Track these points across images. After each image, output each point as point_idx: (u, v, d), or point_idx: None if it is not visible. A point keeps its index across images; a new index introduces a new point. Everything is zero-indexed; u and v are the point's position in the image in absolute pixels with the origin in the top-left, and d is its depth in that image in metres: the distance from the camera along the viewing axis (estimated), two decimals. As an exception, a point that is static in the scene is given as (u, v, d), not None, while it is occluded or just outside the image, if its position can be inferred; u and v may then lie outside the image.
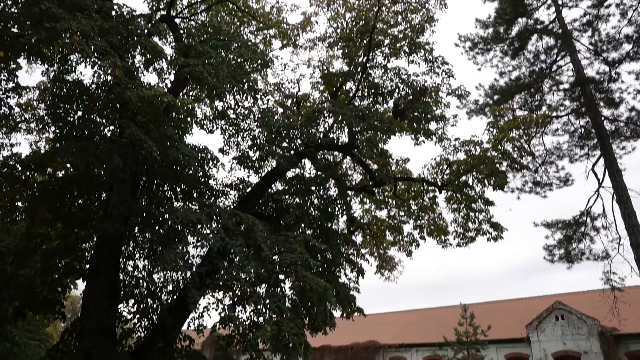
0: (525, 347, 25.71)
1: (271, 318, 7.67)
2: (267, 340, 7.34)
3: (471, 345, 19.71)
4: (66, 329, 10.40)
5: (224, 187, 12.52)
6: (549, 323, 25.12)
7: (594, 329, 23.49)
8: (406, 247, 14.35)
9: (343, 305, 9.75)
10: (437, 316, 32.12)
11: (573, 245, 17.23)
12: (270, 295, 7.66)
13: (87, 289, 9.70)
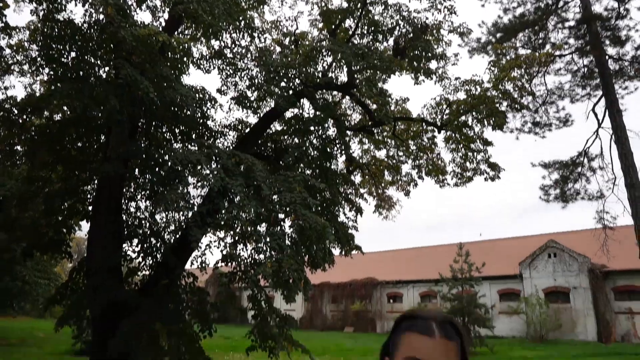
0: (517, 283, 26.72)
1: (271, 255, 7.90)
2: (268, 276, 7.58)
3: (465, 282, 20.42)
4: (74, 268, 10.72)
5: (222, 128, 12.47)
6: (541, 260, 25.95)
7: (584, 266, 24.31)
8: (404, 186, 14.52)
9: (342, 243, 9.98)
10: (433, 254, 33.08)
11: (569, 185, 17.45)
12: (271, 233, 7.83)
13: (91, 230, 9.92)
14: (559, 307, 24.56)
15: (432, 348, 1.09)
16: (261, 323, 9.44)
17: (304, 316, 35.34)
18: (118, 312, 8.89)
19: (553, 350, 19.73)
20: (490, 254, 27.75)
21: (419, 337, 1.11)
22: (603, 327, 23.50)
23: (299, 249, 8.21)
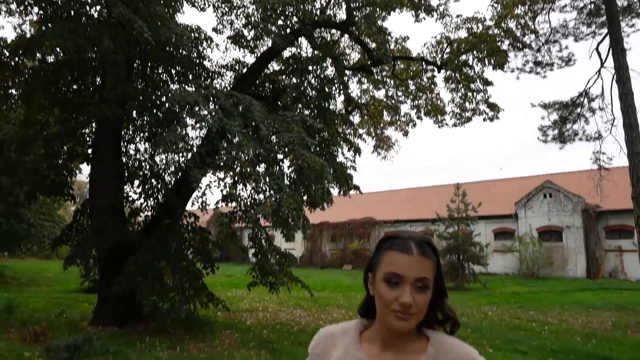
0: (512, 222, 27.29)
1: (271, 195, 8.05)
2: (268, 215, 7.77)
3: (462, 221, 20.84)
4: (77, 210, 10.95)
5: (219, 68, 12.29)
6: (536, 201, 26.37)
7: (579, 206, 24.74)
8: (403, 127, 14.54)
9: (340, 183, 10.12)
10: (431, 194, 33.55)
11: (567, 126, 17.41)
12: (270, 173, 7.94)
13: (92, 172, 10.04)
14: (551, 246, 25.24)
15: (410, 264, 1.20)
16: (262, 260, 9.77)
17: (304, 255, 36.31)
18: (123, 251, 9.18)
19: (543, 286, 20.49)
20: (486, 194, 28.17)
21: (399, 254, 1.22)
22: (592, 264, 24.28)
23: (298, 189, 8.34)
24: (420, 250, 1.23)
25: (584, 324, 11.52)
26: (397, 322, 1.20)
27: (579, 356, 8.02)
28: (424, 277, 1.21)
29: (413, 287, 1.20)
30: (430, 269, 1.24)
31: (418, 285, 1.20)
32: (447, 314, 1.31)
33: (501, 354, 8.24)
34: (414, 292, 1.20)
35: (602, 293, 17.88)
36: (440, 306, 1.30)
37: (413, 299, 1.19)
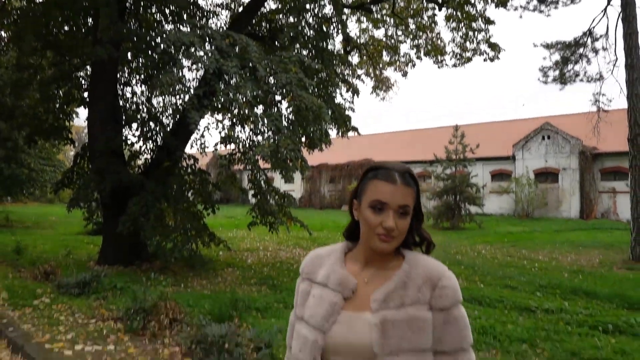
0: (510, 164, 27.50)
1: (269, 137, 8.10)
2: (266, 156, 7.84)
3: (459, 162, 21.01)
4: (77, 153, 11.01)
5: (214, 7, 11.97)
6: (535, 142, 26.43)
7: (576, 148, 24.85)
8: (402, 67, 14.33)
9: (338, 124, 10.10)
10: (429, 136, 33.56)
11: (569, 66, 17.15)
12: (268, 115, 7.93)
13: (90, 116, 10.00)
14: (547, 187, 25.59)
15: (393, 192, 1.31)
16: (261, 201, 9.97)
17: (303, 196, 36.79)
18: (124, 193, 9.33)
19: (537, 226, 20.99)
20: (485, 136, 28.16)
21: (384, 183, 1.33)
22: (586, 205, 24.72)
23: (296, 130, 8.37)
24: (403, 180, 1.34)
25: (572, 261, 11.94)
26: (381, 244, 1.32)
27: (564, 290, 8.39)
28: (406, 204, 1.32)
29: (396, 213, 1.31)
30: (411, 197, 1.35)
31: (400, 212, 1.32)
32: (424, 235, 1.44)
33: (492, 288, 8.61)
34: (396, 217, 1.31)
35: (593, 233, 18.35)
36: (417, 229, 1.42)
37: (395, 224, 1.30)
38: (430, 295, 1.30)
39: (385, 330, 1.26)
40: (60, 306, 6.21)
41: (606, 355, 4.93)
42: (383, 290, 1.32)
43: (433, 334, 1.28)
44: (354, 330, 1.30)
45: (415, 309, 1.28)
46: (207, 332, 3.90)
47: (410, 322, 1.27)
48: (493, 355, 5.10)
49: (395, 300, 1.30)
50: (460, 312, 1.32)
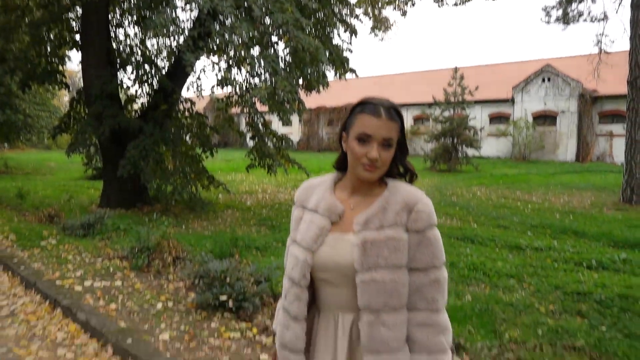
0: (508, 107, 27.33)
1: (266, 79, 8.04)
2: (263, 98, 7.82)
3: (458, 105, 20.88)
4: (72, 98, 10.92)
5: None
6: (534, 85, 26.14)
7: (576, 91, 24.62)
8: (401, 6, 13.91)
9: (336, 66, 9.96)
10: (428, 78, 33.10)
11: (573, 5, 16.70)
12: (264, 56, 7.83)
13: (84, 59, 9.81)
14: (544, 130, 25.58)
15: (378, 126, 1.41)
16: (259, 143, 10.03)
17: (301, 139, 36.76)
18: (123, 137, 9.37)
19: (532, 169, 21.21)
20: (485, 79, 27.80)
21: (370, 117, 1.42)
22: (582, 148, 24.82)
23: (293, 71, 8.30)
24: (388, 114, 1.43)
25: (565, 202, 12.19)
26: (365, 173, 1.44)
27: (554, 230, 8.65)
28: (389, 137, 1.42)
29: (379, 145, 1.41)
30: (395, 131, 1.44)
31: (384, 144, 1.42)
32: (407, 167, 1.55)
33: (484, 228, 8.87)
34: (380, 149, 1.41)
35: (588, 175, 18.59)
36: (402, 161, 1.53)
37: (379, 155, 1.41)
38: (407, 219, 1.41)
39: (365, 249, 1.39)
40: (67, 246, 6.44)
41: (587, 289, 5.19)
42: (365, 215, 1.45)
43: (408, 253, 1.40)
44: (338, 250, 1.44)
45: (393, 230, 1.41)
46: (209, 267, 4.11)
47: (388, 242, 1.39)
48: (482, 290, 5.36)
49: (375, 223, 1.42)
50: (433, 234, 1.43)
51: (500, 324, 4.13)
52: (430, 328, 1.39)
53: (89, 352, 3.53)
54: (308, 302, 1.52)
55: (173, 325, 3.89)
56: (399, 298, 1.39)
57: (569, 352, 3.24)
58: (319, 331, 1.54)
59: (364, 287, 1.38)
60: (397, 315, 1.39)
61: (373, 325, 1.38)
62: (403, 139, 1.50)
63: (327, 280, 1.49)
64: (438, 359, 1.38)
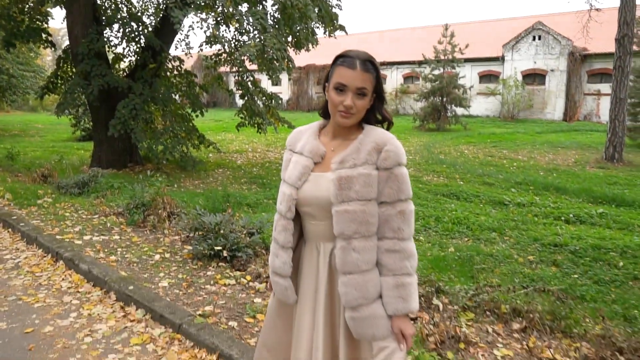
0: (498, 65, 27.20)
1: (255, 36, 7.99)
2: (252, 56, 7.82)
3: (447, 63, 20.77)
4: (59, 57, 10.73)
5: None
6: (525, 43, 25.96)
7: (566, 49, 24.53)
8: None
9: (325, 23, 9.88)
10: (419, 36, 32.70)
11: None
12: (253, 13, 7.77)
13: (69, 17, 9.56)
14: (533, 89, 25.60)
15: (353, 77, 1.58)
16: (248, 102, 10.05)
17: (290, 98, 36.45)
18: (112, 96, 9.34)
19: (520, 127, 21.38)
20: (475, 36, 27.50)
21: (346, 69, 1.59)
22: (570, 107, 24.95)
23: (282, 29, 8.26)
24: (363, 66, 1.60)
25: (549, 160, 12.48)
26: (341, 119, 1.63)
27: (537, 186, 8.93)
28: (363, 87, 1.59)
29: (354, 94, 1.59)
30: (369, 81, 1.61)
31: (358, 93, 1.59)
32: (384, 114, 1.73)
33: (470, 185, 9.12)
34: (355, 98, 1.59)
35: (574, 134, 18.86)
36: (379, 109, 1.72)
37: (354, 103, 1.59)
38: (377, 158, 1.61)
39: (340, 185, 1.60)
40: (63, 204, 6.58)
41: (564, 241, 5.48)
42: (341, 155, 1.66)
43: (378, 188, 1.61)
44: (319, 186, 1.66)
45: (364, 168, 1.61)
46: (204, 220, 4.30)
47: (359, 178, 1.60)
48: (465, 242, 5.63)
49: (349, 162, 1.63)
50: (400, 172, 1.62)
51: (479, 272, 4.40)
52: (397, 254, 1.60)
53: (94, 299, 3.76)
54: (297, 235, 1.77)
55: (171, 274, 4.13)
56: (368, 227, 1.60)
57: (539, 294, 3.50)
58: (304, 259, 1.78)
59: (338, 217, 1.60)
60: (366, 241, 1.60)
61: (345, 250, 1.60)
62: (380, 89, 1.68)
63: (309, 214, 1.71)
64: (402, 281, 1.60)
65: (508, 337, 2.96)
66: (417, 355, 2.55)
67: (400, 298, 1.59)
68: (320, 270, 1.71)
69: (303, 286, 1.77)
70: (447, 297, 3.32)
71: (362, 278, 1.60)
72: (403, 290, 1.59)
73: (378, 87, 1.66)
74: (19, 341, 3.19)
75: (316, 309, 1.72)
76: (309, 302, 1.75)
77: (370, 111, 1.68)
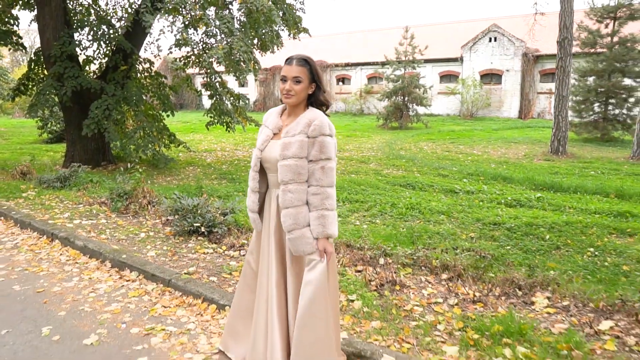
0: (458, 65, 28.40)
1: (222, 39, 8.49)
2: (220, 58, 8.33)
3: (408, 64, 21.68)
4: (31, 59, 10.89)
5: None
6: (482, 44, 27.22)
7: (520, 50, 25.89)
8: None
9: (289, 26, 10.45)
10: (381, 37, 33.72)
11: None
12: (220, 17, 8.27)
13: (40, 20, 9.74)
14: (491, 88, 26.90)
15: (289, 69, 2.33)
16: (217, 102, 10.53)
17: (257, 99, 36.83)
18: (83, 97, 9.65)
19: (478, 125, 22.51)
20: (435, 38, 28.65)
21: (285, 66, 2.36)
22: (525, 105, 26.38)
23: (248, 32, 8.78)
24: (298, 62, 2.35)
25: (501, 154, 13.41)
26: (285, 99, 2.39)
27: (487, 177, 9.75)
28: (298, 76, 2.34)
29: (292, 82, 2.34)
30: (304, 73, 2.34)
31: (294, 81, 2.34)
32: (321, 101, 2.46)
33: (426, 177, 9.86)
34: (293, 84, 2.34)
35: (527, 130, 20.05)
36: (318, 97, 2.44)
37: (292, 87, 2.33)
38: (308, 129, 2.31)
39: (283, 148, 2.32)
40: (48, 196, 7.02)
41: (502, 220, 6.23)
42: (287, 128, 2.38)
43: (307, 150, 2.31)
44: (273, 149, 2.40)
45: (300, 136, 2.32)
46: (182, 202, 4.85)
47: (295, 143, 2.31)
48: (417, 224, 6.30)
49: (291, 132, 2.35)
50: (323, 139, 2.31)
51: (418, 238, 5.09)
52: (318, 195, 2.31)
53: (91, 267, 4.41)
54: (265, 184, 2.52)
55: (157, 246, 4.83)
56: (299, 176, 2.31)
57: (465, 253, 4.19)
58: (266, 200, 2.55)
59: (281, 169, 2.32)
60: (299, 186, 2.31)
61: (284, 192, 2.33)
62: (318, 79, 2.41)
63: (268, 168, 2.45)
64: (323, 214, 2.31)
65: (437, 284, 3.66)
66: (361, 294, 3.23)
67: (321, 225, 2.30)
68: (272, 208, 2.47)
69: (264, 219, 2.53)
70: (390, 257, 3.97)
71: (295, 211, 2.31)
72: (323, 220, 2.30)
73: (315, 78, 2.39)
74: (34, 298, 3.86)
75: (270, 235, 2.47)
76: (266, 230, 2.50)
77: (313, 97, 2.42)
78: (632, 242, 5.43)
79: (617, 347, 2.79)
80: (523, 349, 2.70)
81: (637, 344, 2.84)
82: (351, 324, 3.14)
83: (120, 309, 3.61)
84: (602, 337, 2.91)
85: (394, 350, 2.79)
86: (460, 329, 3.03)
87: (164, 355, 3.00)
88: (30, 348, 3.11)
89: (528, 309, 3.27)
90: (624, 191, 8.21)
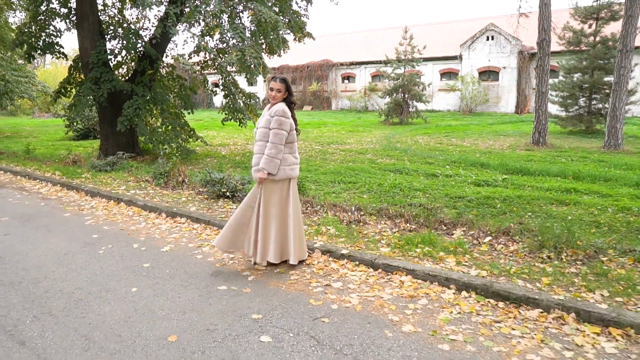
0: (457, 63, 29.69)
1: (235, 45, 9.99)
2: (234, 63, 9.81)
3: (408, 62, 23.01)
4: (70, 66, 12.45)
5: None
6: (480, 43, 28.49)
7: (516, 48, 27.13)
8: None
9: (294, 32, 11.94)
10: (382, 37, 35.13)
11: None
12: (234, 27, 9.76)
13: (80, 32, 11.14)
14: (489, 85, 28.18)
15: (274, 84, 4.06)
16: (231, 100, 12.05)
17: (266, 98, 38.43)
18: (116, 98, 11.21)
19: (475, 120, 23.79)
20: (435, 37, 30.00)
21: (273, 81, 4.08)
22: (521, 101, 27.65)
23: (258, 40, 10.23)
24: (279, 80, 4.06)
25: (488, 146, 14.73)
26: (272, 100, 4.09)
27: (467, 164, 11.10)
28: (278, 88, 4.05)
29: (275, 91, 4.04)
30: (282, 86, 4.07)
31: (276, 90, 4.05)
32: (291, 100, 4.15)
33: (414, 164, 11.24)
34: (275, 93, 4.06)
35: (520, 124, 21.28)
36: (289, 98, 4.13)
37: (274, 94, 4.05)
38: (272, 113, 3.99)
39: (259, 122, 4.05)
40: (102, 177, 8.98)
41: (466, 194, 7.64)
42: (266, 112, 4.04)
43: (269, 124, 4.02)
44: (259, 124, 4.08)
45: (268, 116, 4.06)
46: (212, 176, 6.46)
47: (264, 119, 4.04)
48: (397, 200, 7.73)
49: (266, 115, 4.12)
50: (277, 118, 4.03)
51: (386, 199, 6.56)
52: (268, 148, 3.98)
53: (152, 217, 6.22)
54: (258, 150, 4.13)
55: (196, 205, 6.75)
56: (264, 137, 4.00)
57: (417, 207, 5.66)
58: None
59: (257, 134, 4.04)
60: (263, 143, 4.01)
61: (256, 145, 4.05)
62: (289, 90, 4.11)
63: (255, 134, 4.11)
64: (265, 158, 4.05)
65: (392, 226, 5.18)
66: (335, 226, 4.79)
67: (263, 162, 3.98)
68: None
69: None
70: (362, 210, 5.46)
71: (258, 157, 4.04)
72: (265, 160, 3.97)
73: (289, 89, 4.07)
74: (120, 232, 5.91)
75: None
76: None
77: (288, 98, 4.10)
78: (565, 209, 6.80)
79: (488, 250, 4.35)
80: (428, 247, 4.24)
81: (503, 248, 4.42)
82: (326, 240, 4.91)
83: (179, 236, 5.60)
84: (482, 246, 4.46)
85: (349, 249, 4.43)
86: (395, 242, 4.60)
87: (211, 256, 4.97)
88: (128, 253, 5.09)
89: (448, 237, 4.76)
90: (580, 174, 9.53)
